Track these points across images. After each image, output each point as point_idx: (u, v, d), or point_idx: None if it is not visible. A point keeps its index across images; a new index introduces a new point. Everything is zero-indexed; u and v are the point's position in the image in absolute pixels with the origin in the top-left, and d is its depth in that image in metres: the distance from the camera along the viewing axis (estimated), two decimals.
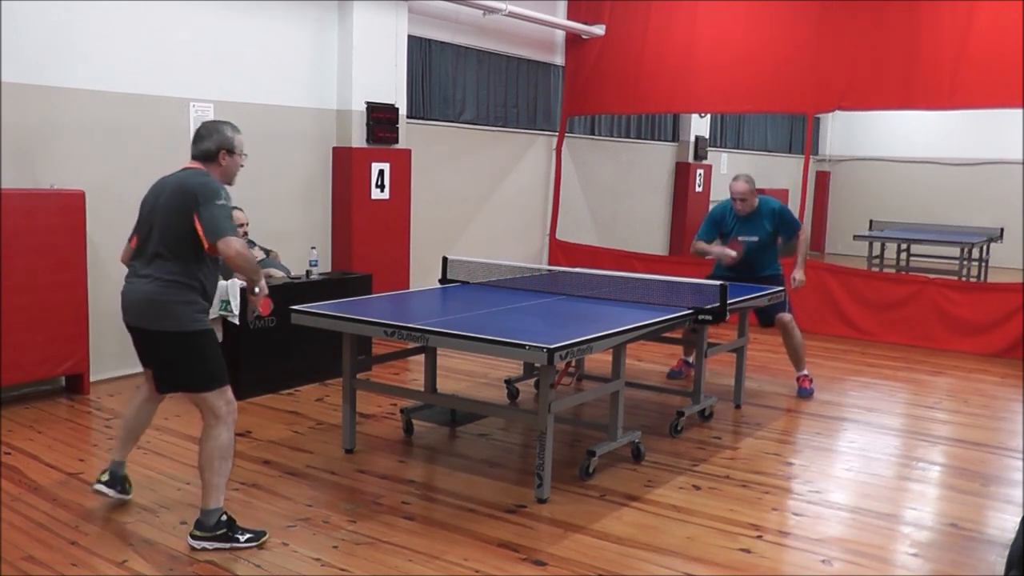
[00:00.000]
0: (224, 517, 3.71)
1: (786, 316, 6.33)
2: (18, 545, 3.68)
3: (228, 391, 3.74)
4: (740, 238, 6.33)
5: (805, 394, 6.40)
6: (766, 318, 6.42)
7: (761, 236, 6.30)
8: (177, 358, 3.70)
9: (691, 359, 6.88)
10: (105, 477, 4.09)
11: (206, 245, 3.58)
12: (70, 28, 5.93)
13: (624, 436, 4.81)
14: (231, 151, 3.81)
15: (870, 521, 4.19)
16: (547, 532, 3.97)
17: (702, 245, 6.46)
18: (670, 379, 6.83)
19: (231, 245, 3.56)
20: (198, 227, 3.56)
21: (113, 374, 6.33)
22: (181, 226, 3.60)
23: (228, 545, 3.67)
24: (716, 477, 4.70)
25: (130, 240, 3.92)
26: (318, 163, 7.71)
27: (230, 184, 3.86)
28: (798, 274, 6.34)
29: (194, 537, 3.69)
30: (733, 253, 6.22)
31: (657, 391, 6.28)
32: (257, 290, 3.88)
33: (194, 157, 3.81)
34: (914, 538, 4.03)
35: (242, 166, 3.91)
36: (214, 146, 3.77)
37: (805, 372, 6.49)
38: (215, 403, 3.68)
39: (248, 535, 3.73)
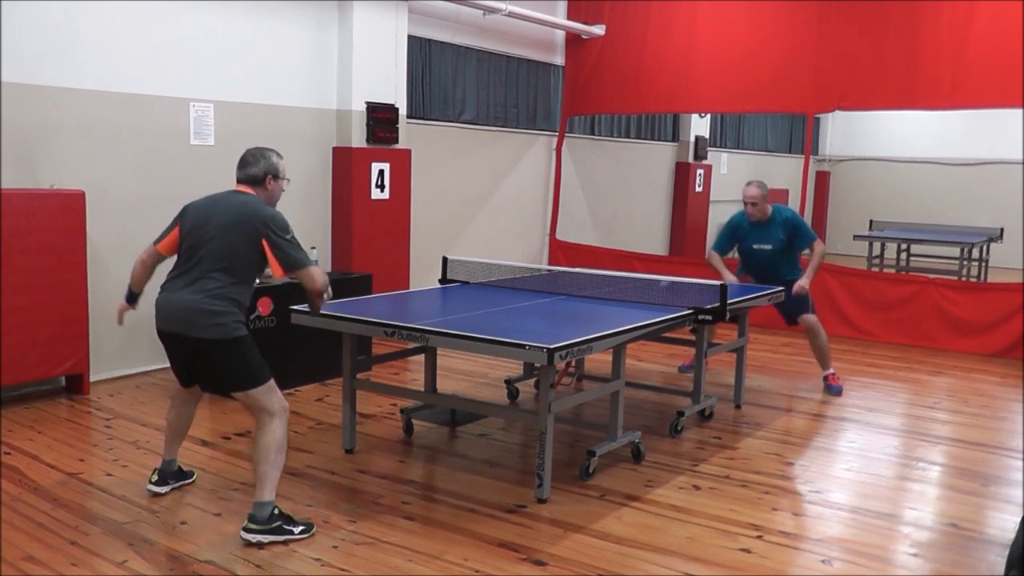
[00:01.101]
0: (277, 510, 3.76)
1: (811, 317, 6.38)
2: (18, 545, 3.68)
3: (275, 389, 3.87)
4: (754, 246, 6.38)
5: (834, 391, 6.43)
6: (789, 317, 6.48)
7: (774, 244, 6.34)
8: (222, 363, 3.84)
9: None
10: (155, 478, 4.28)
11: (279, 272, 3.85)
12: (70, 28, 5.93)
13: (624, 436, 4.81)
14: (276, 176, 4.02)
15: (870, 521, 4.19)
16: (547, 532, 3.97)
17: (717, 260, 6.50)
18: (682, 372, 6.84)
19: (315, 278, 3.91)
20: (269, 254, 3.79)
21: (113, 374, 6.33)
22: (245, 249, 3.81)
23: (283, 538, 3.72)
24: (716, 477, 4.70)
25: (157, 243, 4.04)
26: (318, 163, 7.71)
27: (273, 207, 4.01)
28: (803, 281, 6.27)
29: (248, 531, 3.72)
30: (735, 281, 6.26)
31: (657, 391, 6.28)
32: (326, 296, 4.09)
33: (240, 181, 3.99)
34: (914, 538, 4.04)
35: (283, 190, 4.09)
36: (261, 172, 3.97)
37: (832, 370, 6.54)
38: (262, 400, 3.82)
39: (301, 527, 3.79)
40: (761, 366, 7.18)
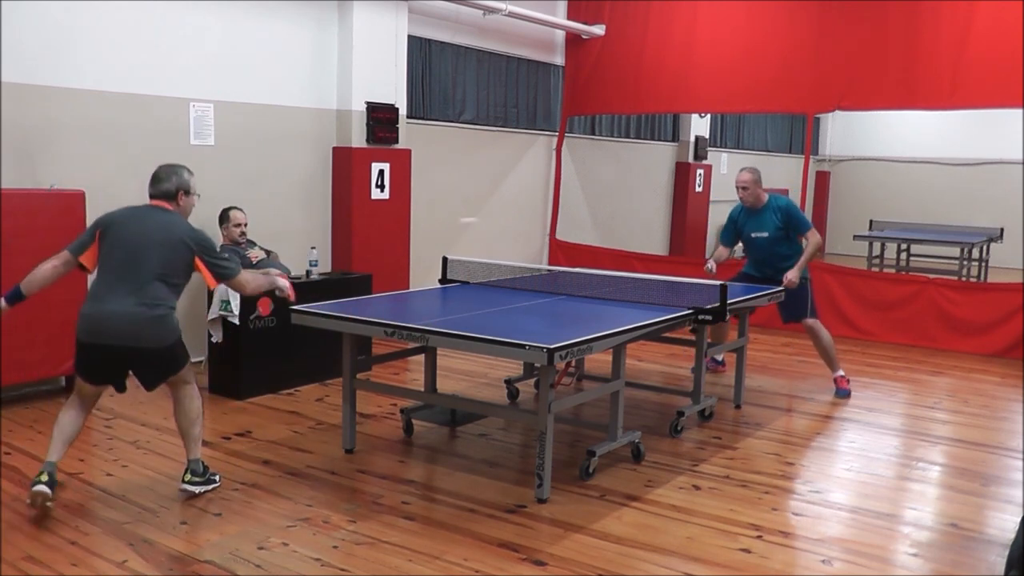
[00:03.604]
0: (204, 463, 4.33)
1: (810, 320, 6.35)
2: (18, 545, 3.68)
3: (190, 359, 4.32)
4: (752, 234, 6.38)
5: (843, 395, 6.39)
6: (788, 315, 6.47)
7: (770, 232, 6.33)
8: (172, 360, 4.17)
9: (718, 356, 6.89)
10: (47, 479, 4.00)
11: (213, 284, 4.27)
12: (70, 28, 5.93)
13: (624, 436, 4.81)
14: (188, 192, 4.27)
15: (870, 521, 4.19)
16: (547, 532, 3.97)
17: (717, 252, 6.56)
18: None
19: (245, 284, 4.35)
20: (203, 269, 4.14)
21: None
22: (178, 263, 4.10)
23: (212, 487, 4.29)
24: (716, 477, 4.70)
25: (77, 255, 4.13)
26: (318, 163, 7.71)
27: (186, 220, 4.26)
28: (791, 275, 6.16)
29: (193, 483, 4.22)
30: (713, 271, 6.21)
31: (657, 391, 6.28)
32: (283, 287, 4.51)
33: (154, 196, 4.23)
34: (914, 538, 4.04)
35: (194, 205, 4.36)
36: (174, 187, 4.23)
37: (841, 373, 6.50)
38: (186, 374, 4.24)
39: (217, 475, 4.39)
40: (761, 366, 7.18)
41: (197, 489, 4.21)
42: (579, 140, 11.11)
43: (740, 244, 6.68)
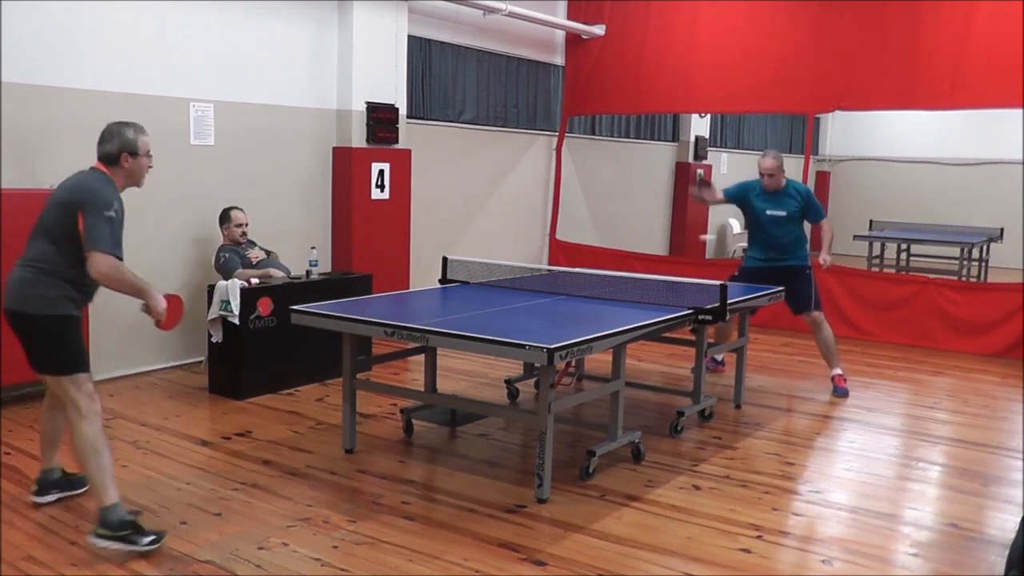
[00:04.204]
0: (128, 517, 3.65)
1: (816, 313, 6.39)
2: (18, 545, 3.68)
3: (86, 382, 3.69)
4: (768, 212, 6.39)
5: (840, 393, 6.39)
6: (794, 307, 6.48)
7: (789, 211, 6.37)
8: (38, 339, 3.69)
9: (718, 356, 6.89)
10: (35, 488, 4.12)
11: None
12: (70, 28, 5.93)
13: (624, 436, 4.81)
14: (134, 154, 3.77)
15: (870, 521, 4.19)
16: (547, 532, 3.97)
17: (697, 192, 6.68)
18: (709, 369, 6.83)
19: (98, 264, 3.55)
20: (80, 224, 3.57)
21: (113, 374, 6.32)
22: (63, 220, 3.63)
23: (129, 547, 3.59)
24: (716, 477, 4.70)
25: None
26: (318, 163, 7.71)
27: (138, 186, 3.86)
28: (825, 256, 6.46)
29: (98, 536, 3.61)
30: (719, 196, 6.51)
31: (657, 391, 6.28)
32: (151, 306, 3.75)
33: (99, 159, 3.79)
34: (914, 538, 4.04)
35: (150, 167, 3.87)
36: (116, 149, 3.75)
37: (839, 371, 6.50)
38: (70, 392, 3.65)
39: (151, 537, 3.63)
40: (761, 366, 7.18)
41: (104, 544, 3.59)
42: (579, 140, 11.11)
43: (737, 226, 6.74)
